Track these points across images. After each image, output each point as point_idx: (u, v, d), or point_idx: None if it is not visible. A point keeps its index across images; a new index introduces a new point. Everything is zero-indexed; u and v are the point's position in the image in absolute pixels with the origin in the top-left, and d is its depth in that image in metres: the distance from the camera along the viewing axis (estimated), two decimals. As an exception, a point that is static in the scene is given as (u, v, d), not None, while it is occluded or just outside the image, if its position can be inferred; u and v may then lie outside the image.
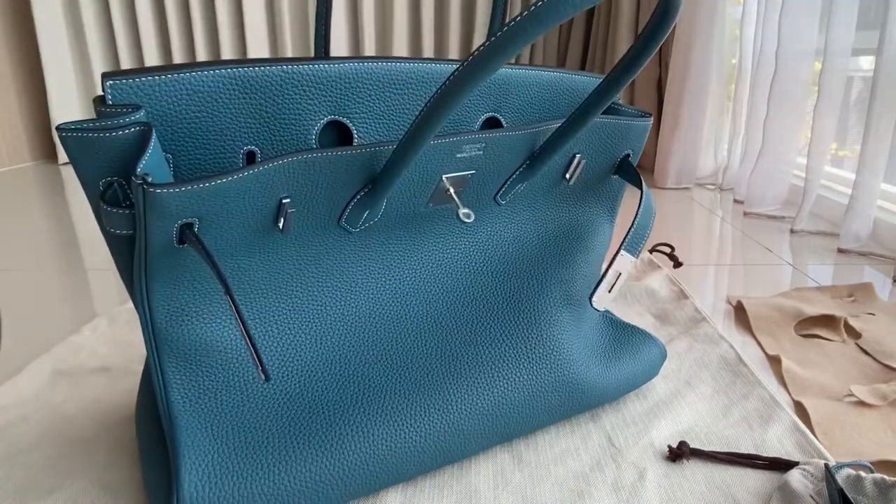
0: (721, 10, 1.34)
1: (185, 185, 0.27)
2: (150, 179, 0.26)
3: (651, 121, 0.47)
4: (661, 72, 1.60)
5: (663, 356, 0.51)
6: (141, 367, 0.56)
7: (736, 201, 1.30)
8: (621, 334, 0.50)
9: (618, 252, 0.43)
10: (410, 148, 0.30)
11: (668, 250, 0.80)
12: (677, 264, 0.79)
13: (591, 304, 0.43)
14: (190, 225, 0.28)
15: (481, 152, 0.38)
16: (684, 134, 1.42)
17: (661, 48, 1.58)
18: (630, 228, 0.44)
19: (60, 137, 0.28)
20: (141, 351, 0.59)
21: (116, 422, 0.48)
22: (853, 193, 0.93)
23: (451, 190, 0.38)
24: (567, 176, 0.44)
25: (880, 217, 0.97)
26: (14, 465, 0.43)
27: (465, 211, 0.36)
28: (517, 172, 0.41)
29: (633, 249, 0.44)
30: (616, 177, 0.47)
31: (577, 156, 0.44)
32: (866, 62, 1.12)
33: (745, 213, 1.19)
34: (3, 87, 1.72)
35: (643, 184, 0.45)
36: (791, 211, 1.15)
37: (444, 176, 0.37)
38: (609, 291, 0.44)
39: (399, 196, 0.37)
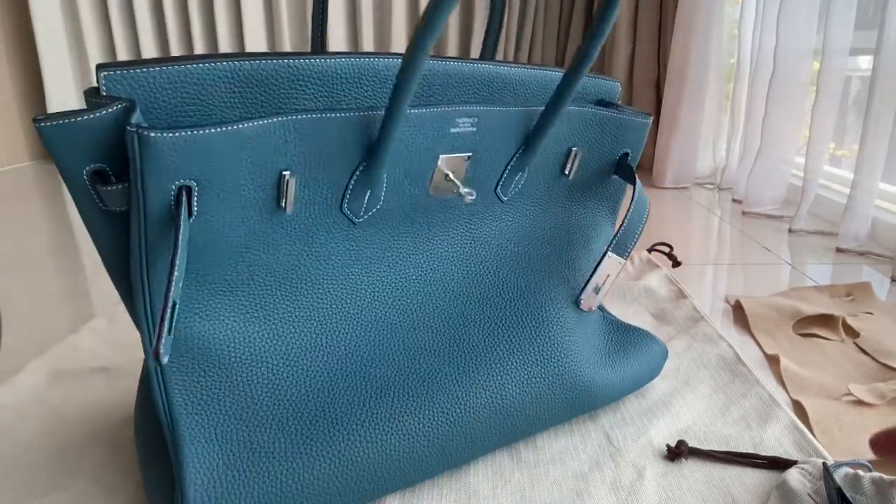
0: (719, 10, 1.34)
1: (179, 130, 0.27)
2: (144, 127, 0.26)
3: (650, 120, 0.47)
4: (659, 72, 1.60)
5: (665, 355, 0.51)
6: (140, 367, 0.56)
7: (734, 201, 1.30)
8: (623, 335, 0.50)
9: (605, 254, 0.43)
10: (400, 97, 0.30)
11: (666, 250, 0.80)
12: (676, 264, 0.79)
13: (579, 305, 0.43)
14: (188, 189, 0.28)
15: (474, 129, 0.37)
16: (683, 133, 1.42)
17: (659, 48, 1.58)
18: (619, 228, 0.43)
19: (39, 129, 0.27)
20: (140, 351, 0.59)
21: (116, 422, 0.48)
22: (851, 193, 0.93)
23: (451, 174, 0.38)
24: (566, 171, 0.44)
25: (878, 216, 0.97)
26: (14, 465, 0.43)
27: (467, 190, 0.36)
28: (514, 158, 0.41)
29: (622, 251, 0.43)
30: (616, 177, 0.47)
31: (573, 149, 0.44)
32: (865, 62, 1.13)
33: (744, 213, 1.19)
34: (2, 86, 1.71)
35: (637, 181, 0.45)
36: (789, 210, 1.16)
37: (440, 155, 0.37)
38: (596, 292, 0.43)
39: (399, 182, 0.37)
